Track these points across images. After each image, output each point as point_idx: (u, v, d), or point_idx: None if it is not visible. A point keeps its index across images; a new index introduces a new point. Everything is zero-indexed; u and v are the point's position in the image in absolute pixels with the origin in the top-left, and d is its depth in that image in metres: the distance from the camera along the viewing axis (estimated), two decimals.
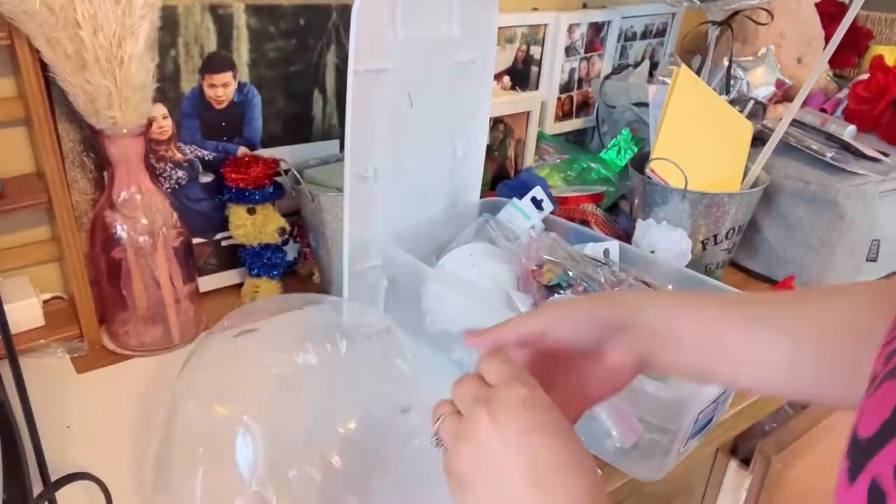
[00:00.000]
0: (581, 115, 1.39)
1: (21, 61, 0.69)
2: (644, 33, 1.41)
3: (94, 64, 0.68)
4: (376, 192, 0.81)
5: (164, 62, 0.82)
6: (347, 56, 0.70)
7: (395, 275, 0.84)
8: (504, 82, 1.23)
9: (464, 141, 0.91)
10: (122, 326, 0.84)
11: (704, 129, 1.01)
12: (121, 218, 0.78)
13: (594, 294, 0.53)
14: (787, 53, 1.34)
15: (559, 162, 1.27)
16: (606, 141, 1.34)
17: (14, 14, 0.64)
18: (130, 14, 0.67)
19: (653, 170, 0.99)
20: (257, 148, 0.95)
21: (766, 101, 1.25)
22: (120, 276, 0.81)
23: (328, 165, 0.96)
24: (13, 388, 0.55)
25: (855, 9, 0.84)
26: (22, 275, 0.84)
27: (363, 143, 0.76)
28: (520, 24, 1.20)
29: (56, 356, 0.81)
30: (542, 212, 0.94)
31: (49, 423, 0.70)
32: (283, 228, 0.92)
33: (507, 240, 0.86)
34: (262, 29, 0.89)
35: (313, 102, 0.98)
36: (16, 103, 0.77)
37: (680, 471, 0.72)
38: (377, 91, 0.75)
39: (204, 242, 0.95)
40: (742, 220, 1.01)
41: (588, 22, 1.29)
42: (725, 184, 1.01)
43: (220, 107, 0.90)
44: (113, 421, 0.72)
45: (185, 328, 0.86)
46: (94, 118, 0.72)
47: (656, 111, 1.05)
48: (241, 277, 0.98)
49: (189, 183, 0.91)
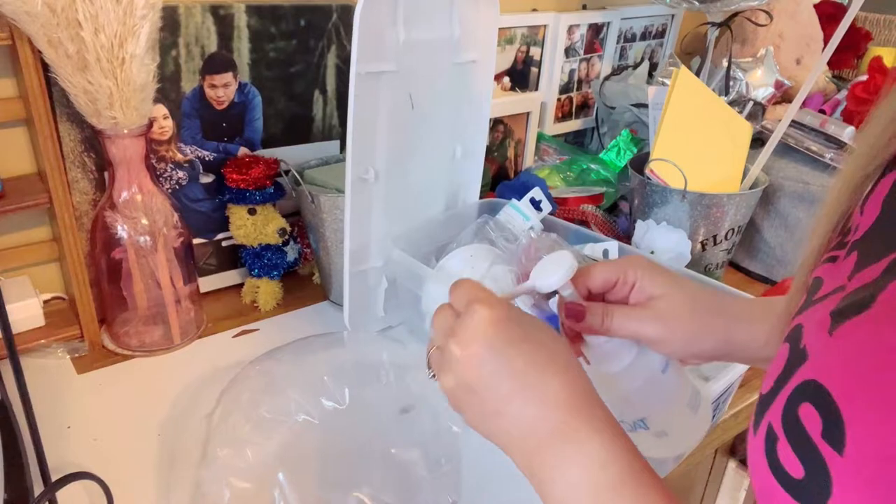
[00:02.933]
0: (580, 116, 1.40)
1: (22, 61, 0.69)
2: (643, 34, 1.42)
3: (95, 64, 0.68)
4: (377, 193, 0.81)
5: (165, 62, 0.82)
6: (348, 56, 0.70)
7: (396, 276, 0.85)
8: (504, 83, 1.23)
9: (463, 142, 0.92)
10: (122, 327, 0.84)
11: (704, 130, 1.02)
12: (121, 218, 0.79)
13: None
14: (786, 54, 1.34)
15: (559, 163, 1.27)
16: (606, 142, 1.35)
17: (16, 14, 0.64)
18: (132, 14, 0.67)
19: (652, 171, 0.99)
20: (258, 148, 0.95)
21: (765, 102, 1.25)
22: (120, 277, 0.81)
23: (329, 166, 0.96)
24: (14, 388, 0.55)
25: (854, 10, 0.84)
26: (22, 275, 0.84)
27: (364, 145, 0.76)
28: (520, 25, 1.20)
29: (56, 356, 0.81)
30: (540, 213, 0.94)
31: (49, 424, 0.70)
32: (283, 229, 0.92)
33: (506, 241, 0.86)
34: (262, 29, 0.89)
35: (314, 103, 0.99)
36: (17, 103, 0.77)
37: (680, 471, 0.72)
38: (379, 93, 0.75)
39: (204, 243, 0.95)
40: (741, 220, 1.01)
41: (587, 23, 1.29)
42: (725, 185, 1.01)
43: (220, 107, 0.90)
44: (113, 421, 0.72)
45: (186, 329, 0.86)
46: (95, 118, 0.73)
47: (656, 112, 1.05)
48: (241, 278, 0.98)
49: (190, 183, 0.91)
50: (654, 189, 0.99)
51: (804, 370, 0.30)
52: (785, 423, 0.29)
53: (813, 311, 0.33)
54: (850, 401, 0.27)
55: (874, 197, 0.34)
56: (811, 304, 0.34)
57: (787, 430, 0.29)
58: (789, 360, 0.31)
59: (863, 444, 0.26)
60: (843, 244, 0.35)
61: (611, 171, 1.25)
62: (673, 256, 0.97)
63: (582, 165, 1.25)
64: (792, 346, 0.32)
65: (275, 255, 0.94)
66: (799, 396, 0.29)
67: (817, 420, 0.27)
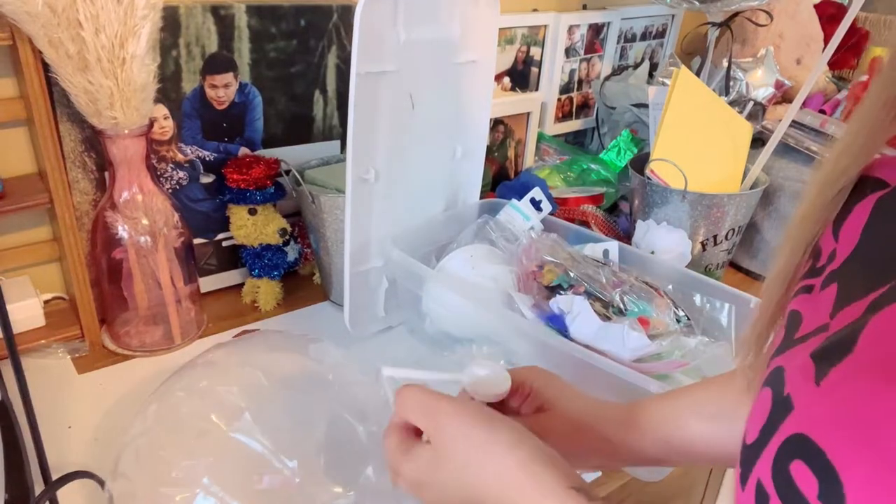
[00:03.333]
0: (581, 116, 1.40)
1: (23, 62, 0.69)
2: (644, 34, 1.42)
3: (95, 64, 0.68)
4: (377, 193, 0.81)
5: (166, 62, 0.83)
6: (348, 56, 0.70)
7: (396, 276, 0.85)
8: (504, 83, 1.23)
9: (464, 142, 0.92)
10: (122, 327, 0.84)
11: (704, 131, 1.02)
12: (122, 218, 0.79)
13: None
14: (786, 55, 1.34)
15: (559, 163, 1.27)
16: (606, 142, 1.35)
17: (16, 15, 0.64)
18: (132, 14, 0.67)
19: (652, 171, 0.99)
20: (258, 148, 0.95)
21: (765, 103, 1.25)
22: (121, 277, 0.81)
23: (329, 166, 0.97)
24: (15, 388, 0.55)
25: (854, 10, 0.84)
26: (23, 275, 0.84)
27: (365, 145, 0.76)
28: (520, 25, 1.20)
29: (57, 356, 0.81)
30: (540, 213, 0.94)
31: (50, 423, 0.70)
32: (283, 229, 0.92)
33: (506, 241, 0.86)
34: (263, 29, 0.89)
35: (314, 103, 0.99)
36: (17, 104, 0.77)
37: (680, 471, 0.72)
38: (379, 93, 0.75)
39: (205, 243, 0.95)
40: (742, 220, 1.01)
41: (588, 23, 1.29)
42: (725, 185, 1.01)
43: (221, 107, 0.90)
44: (113, 421, 0.72)
45: (186, 328, 0.86)
46: (95, 119, 0.73)
47: (656, 112, 1.05)
48: (241, 278, 0.98)
49: (190, 183, 0.91)
50: (655, 189, 0.99)
51: (791, 422, 0.28)
52: (776, 482, 0.28)
53: (794, 352, 0.31)
54: (846, 459, 0.25)
55: (850, 223, 0.33)
56: (792, 343, 0.32)
57: (780, 490, 0.27)
58: (773, 410, 0.30)
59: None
60: (818, 271, 0.34)
61: (611, 171, 1.25)
62: (673, 256, 0.97)
63: (582, 165, 1.25)
64: (775, 393, 0.30)
65: (275, 255, 0.94)
66: (789, 452, 0.28)
67: (812, 481, 0.26)
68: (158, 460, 0.54)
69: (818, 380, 0.28)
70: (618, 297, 0.77)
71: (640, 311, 0.76)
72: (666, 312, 0.78)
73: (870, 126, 0.31)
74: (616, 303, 0.76)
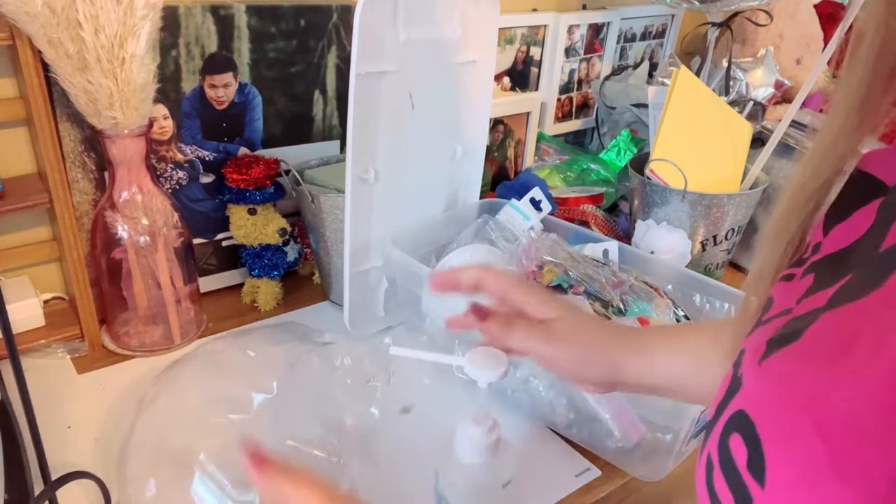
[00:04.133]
0: (581, 116, 1.40)
1: (22, 62, 0.69)
2: (643, 34, 1.42)
3: (95, 64, 0.68)
4: (377, 193, 0.81)
5: (165, 62, 0.82)
6: (348, 56, 0.70)
7: (396, 276, 0.85)
8: (504, 83, 1.23)
9: (464, 142, 0.92)
10: (122, 327, 0.84)
11: (704, 130, 1.02)
12: (121, 218, 0.79)
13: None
14: (786, 54, 1.34)
15: (559, 163, 1.27)
16: (606, 142, 1.35)
17: (16, 15, 0.64)
18: (132, 14, 0.67)
19: (652, 171, 0.99)
20: (258, 148, 0.95)
21: (765, 102, 1.25)
22: (120, 277, 0.81)
23: (329, 166, 0.97)
24: (14, 388, 0.55)
25: (854, 10, 0.84)
26: (22, 275, 0.84)
27: (364, 145, 0.76)
28: (520, 25, 1.20)
29: (57, 356, 0.81)
30: (540, 213, 0.94)
31: (50, 423, 0.70)
32: (283, 229, 0.92)
33: (506, 241, 0.86)
34: (262, 29, 0.89)
35: (314, 103, 0.99)
36: (17, 104, 0.77)
37: (680, 471, 0.72)
38: (379, 93, 0.75)
39: (204, 243, 0.95)
40: (741, 220, 1.01)
41: (588, 23, 1.29)
42: (725, 184, 1.01)
43: (220, 107, 0.90)
44: (113, 421, 0.72)
45: (186, 329, 0.86)
46: (95, 118, 0.73)
47: (656, 112, 1.05)
48: (241, 278, 0.98)
49: (190, 183, 0.91)
50: (655, 189, 0.99)
51: (737, 399, 0.30)
52: (720, 454, 0.29)
53: (756, 334, 0.33)
54: (770, 434, 0.27)
55: (847, 226, 0.32)
56: (758, 325, 0.34)
57: (721, 460, 0.29)
58: (729, 388, 0.32)
59: (779, 478, 0.26)
60: (802, 261, 0.34)
61: (611, 171, 1.25)
62: (673, 256, 0.97)
63: (582, 165, 1.25)
64: (734, 373, 0.32)
65: (275, 255, 0.94)
66: (731, 426, 0.29)
67: (743, 451, 0.28)
68: (161, 452, 0.55)
69: (761, 361, 0.30)
70: (618, 297, 0.77)
71: (639, 311, 0.76)
72: (666, 312, 0.78)
73: (835, 135, 0.32)
74: (616, 303, 0.76)
